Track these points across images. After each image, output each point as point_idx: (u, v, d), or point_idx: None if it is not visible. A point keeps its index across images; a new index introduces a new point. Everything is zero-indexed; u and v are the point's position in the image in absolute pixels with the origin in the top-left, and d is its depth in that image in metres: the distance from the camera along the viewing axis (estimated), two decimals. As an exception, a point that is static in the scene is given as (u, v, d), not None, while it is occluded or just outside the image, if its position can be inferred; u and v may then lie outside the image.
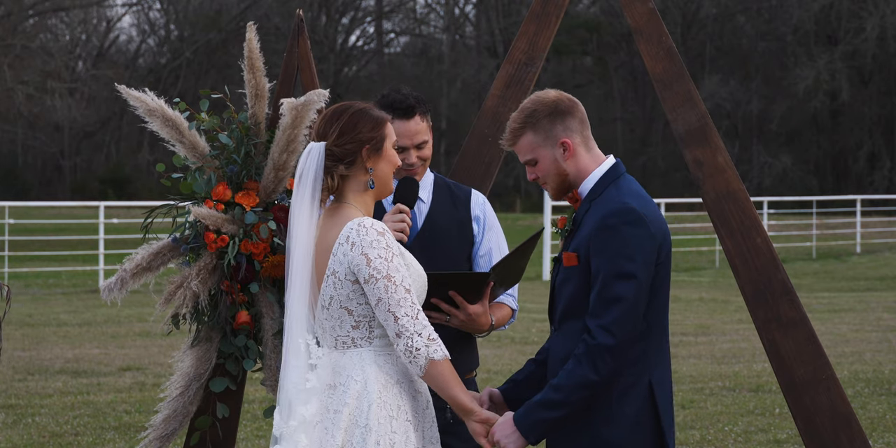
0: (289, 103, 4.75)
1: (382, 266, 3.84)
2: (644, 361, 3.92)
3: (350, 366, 3.90)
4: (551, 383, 3.88)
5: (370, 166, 3.98)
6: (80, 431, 9.01)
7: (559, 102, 4.03)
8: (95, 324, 15.48)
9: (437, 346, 3.83)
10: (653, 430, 3.93)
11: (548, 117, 4.01)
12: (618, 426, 3.89)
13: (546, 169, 4.04)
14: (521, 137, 4.04)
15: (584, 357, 3.82)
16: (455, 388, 3.87)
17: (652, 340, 3.94)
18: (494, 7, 49.53)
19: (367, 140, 3.96)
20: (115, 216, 27.31)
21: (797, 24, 46.07)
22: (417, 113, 4.67)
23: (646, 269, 3.86)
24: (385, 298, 3.83)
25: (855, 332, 14.47)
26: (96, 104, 47.91)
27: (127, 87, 4.99)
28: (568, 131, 4.01)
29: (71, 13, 48.92)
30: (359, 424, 3.84)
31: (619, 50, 48.14)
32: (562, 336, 4.00)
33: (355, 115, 3.98)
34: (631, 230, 3.86)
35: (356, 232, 3.87)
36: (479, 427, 3.94)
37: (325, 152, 3.94)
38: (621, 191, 3.97)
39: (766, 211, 29.20)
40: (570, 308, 3.97)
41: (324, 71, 45.03)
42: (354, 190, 3.99)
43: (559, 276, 4.04)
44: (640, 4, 5.03)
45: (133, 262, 4.85)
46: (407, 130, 4.66)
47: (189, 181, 4.92)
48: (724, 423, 9.21)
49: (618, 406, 3.89)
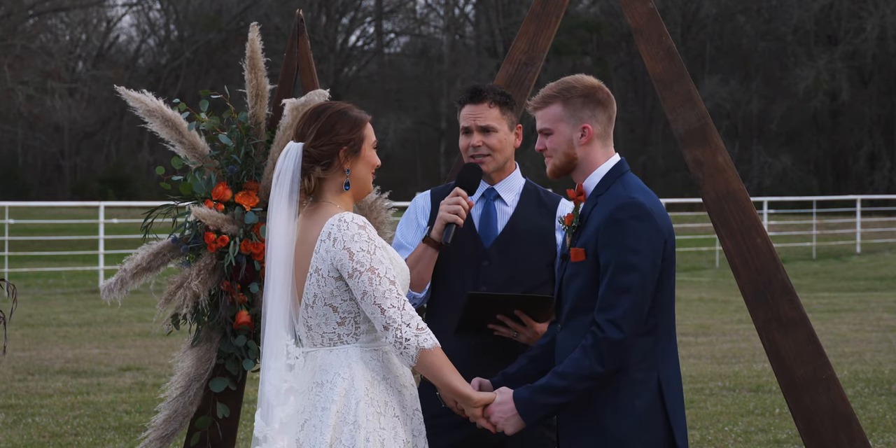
0: (291, 104, 4.76)
1: (365, 259, 3.83)
2: (653, 358, 3.93)
3: (337, 363, 3.90)
4: (556, 370, 3.91)
5: (347, 167, 3.96)
6: (80, 431, 9.01)
7: (598, 90, 4.08)
8: (95, 324, 15.48)
9: (426, 335, 3.82)
10: (663, 427, 3.94)
11: (582, 98, 4.05)
12: (626, 421, 3.91)
13: (557, 144, 4.07)
14: (550, 106, 4.08)
15: (592, 349, 3.85)
16: (448, 375, 3.88)
17: (660, 337, 3.96)
18: (494, 7, 49.53)
19: (344, 142, 3.94)
20: (115, 216, 27.31)
21: (797, 24, 46.06)
22: (488, 99, 4.64)
23: (652, 262, 3.89)
24: (370, 291, 3.82)
25: (855, 332, 14.47)
26: (96, 104, 47.90)
27: (127, 87, 5.00)
28: (593, 120, 4.06)
29: (71, 13, 48.91)
30: (347, 421, 3.84)
31: (618, 50, 48.14)
32: (569, 332, 4.01)
33: (333, 116, 3.96)
34: (638, 224, 3.89)
35: (337, 227, 3.87)
36: (479, 411, 3.97)
37: (303, 153, 3.93)
38: (628, 187, 4.01)
39: (766, 211, 29.20)
40: (578, 304, 3.98)
41: (324, 71, 45.03)
42: (333, 190, 3.98)
43: (567, 272, 4.05)
44: (640, 4, 5.03)
45: (133, 263, 4.86)
46: (472, 112, 4.65)
47: (189, 181, 4.93)
48: (724, 423, 9.21)
49: (627, 401, 3.90)
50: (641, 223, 3.90)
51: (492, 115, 4.64)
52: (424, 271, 4.58)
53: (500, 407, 3.95)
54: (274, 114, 5.03)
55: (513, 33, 45.06)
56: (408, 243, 4.70)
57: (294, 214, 3.93)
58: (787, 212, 34.56)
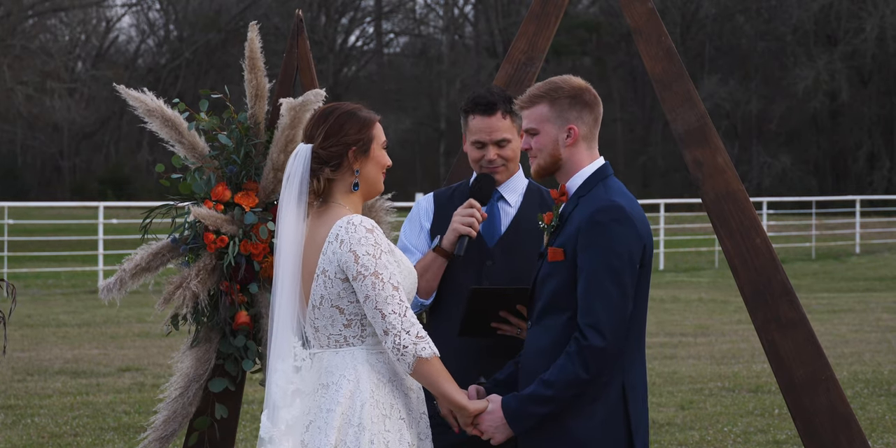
0: (287, 103, 4.75)
1: (370, 263, 3.83)
2: (619, 363, 3.94)
3: (342, 365, 3.90)
4: (542, 379, 3.91)
5: (357, 168, 3.97)
6: (79, 432, 9.01)
7: (585, 92, 4.08)
8: (95, 324, 15.47)
9: (425, 343, 3.83)
10: (623, 431, 3.96)
11: (569, 99, 4.05)
12: (587, 422, 3.92)
13: (542, 144, 4.07)
14: (537, 105, 4.07)
15: (576, 356, 3.86)
16: (445, 385, 3.88)
17: (630, 343, 3.97)
18: (494, 7, 49.52)
19: (353, 142, 3.95)
20: (114, 216, 27.30)
21: (797, 24, 46.06)
22: (499, 110, 4.59)
23: (631, 267, 3.91)
24: (372, 295, 3.83)
25: (854, 333, 14.47)
26: (95, 104, 47.89)
27: (126, 87, 4.99)
28: (580, 121, 4.05)
29: (70, 13, 48.91)
30: (352, 423, 3.84)
31: (618, 50, 48.13)
32: (540, 330, 4.02)
33: (342, 116, 3.97)
34: (618, 228, 3.91)
35: (345, 229, 3.87)
36: (471, 420, 3.97)
37: (312, 155, 3.93)
38: (609, 190, 4.02)
39: (766, 211, 29.19)
40: (552, 303, 3.99)
41: (323, 71, 45.03)
42: (342, 191, 3.99)
43: (541, 270, 4.06)
44: (640, 4, 5.03)
45: (132, 263, 4.86)
46: (486, 126, 4.59)
47: (189, 181, 4.92)
48: (724, 424, 9.21)
49: (589, 403, 3.92)
50: (622, 226, 3.91)
51: (505, 127, 4.62)
52: (433, 280, 4.59)
53: (489, 416, 3.96)
54: (273, 114, 5.03)
55: (512, 33, 45.03)
56: (412, 246, 4.69)
57: (303, 217, 3.94)
58: (786, 212, 34.56)
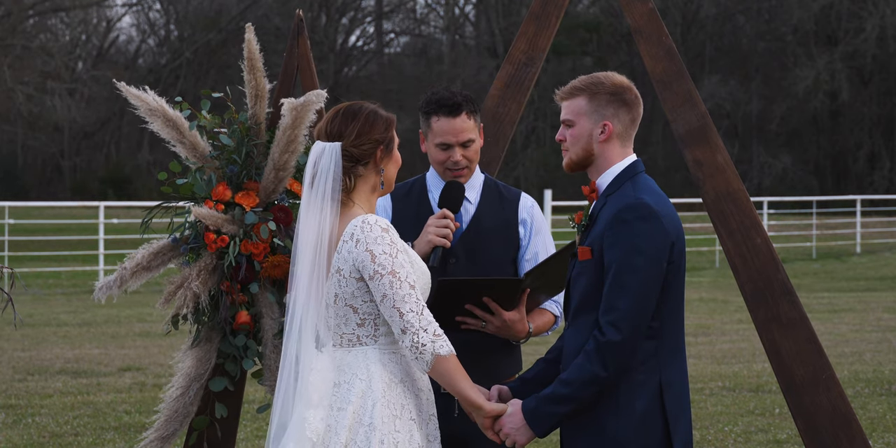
0: (289, 104, 4.75)
1: (387, 262, 3.84)
2: (655, 361, 3.92)
3: (355, 364, 3.91)
4: (560, 378, 3.91)
5: (382, 167, 4.01)
6: (80, 432, 9.01)
7: (627, 91, 4.06)
8: (95, 324, 15.48)
9: (442, 341, 3.84)
10: (661, 430, 3.93)
11: (609, 95, 4.04)
12: (625, 421, 3.89)
13: (577, 137, 4.06)
14: (576, 98, 4.06)
15: (594, 353, 3.85)
16: (462, 383, 3.88)
17: (665, 341, 3.94)
18: (494, 7, 49.51)
19: (381, 140, 3.99)
20: (114, 216, 27.30)
21: (797, 24, 46.04)
22: (465, 111, 4.56)
23: (655, 264, 3.88)
24: (390, 294, 3.84)
25: (855, 333, 14.47)
26: (96, 104, 47.86)
27: (127, 87, 4.98)
28: (615, 118, 4.04)
29: (71, 13, 48.89)
30: (363, 423, 3.85)
31: (618, 50, 48.11)
32: (575, 330, 4.01)
33: (370, 114, 4.00)
34: (643, 225, 3.89)
35: (360, 229, 3.88)
36: (488, 421, 3.96)
37: (342, 153, 3.94)
38: (637, 187, 4.00)
39: (766, 211, 29.19)
40: (583, 302, 3.98)
41: (324, 71, 45.02)
42: (363, 190, 4.01)
43: (574, 270, 4.05)
44: (640, 4, 5.03)
45: (133, 262, 4.85)
46: (452, 128, 4.56)
47: (190, 182, 4.92)
48: (724, 423, 9.21)
49: (626, 402, 3.89)
50: (647, 224, 3.89)
51: (470, 127, 4.58)
52: None
53: (510, 418, 3.95)
54: (274, 114, 5.03)
55: (513, 33, 45.04)
56: None
57: (331, 216, 3.92)
58: (787, 212, 34.55)
